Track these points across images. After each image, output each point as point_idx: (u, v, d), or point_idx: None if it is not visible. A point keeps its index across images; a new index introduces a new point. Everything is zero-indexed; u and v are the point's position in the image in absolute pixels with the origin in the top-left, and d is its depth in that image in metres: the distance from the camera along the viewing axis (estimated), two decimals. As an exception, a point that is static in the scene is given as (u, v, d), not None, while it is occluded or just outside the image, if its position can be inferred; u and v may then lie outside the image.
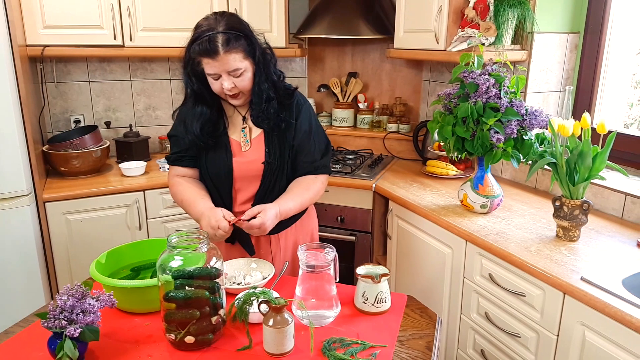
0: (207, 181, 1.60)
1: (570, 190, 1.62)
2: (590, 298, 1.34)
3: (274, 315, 1.14)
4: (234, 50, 1.40)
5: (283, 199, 1.52)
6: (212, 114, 1.54)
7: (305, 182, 1.58)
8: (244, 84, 1.46)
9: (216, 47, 1.38)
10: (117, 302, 1.18)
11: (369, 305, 1.32)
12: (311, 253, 1.28)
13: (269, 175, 1.55)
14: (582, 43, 2.27)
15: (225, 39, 1.38)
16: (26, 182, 2.12)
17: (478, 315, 1.82)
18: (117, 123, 2.90)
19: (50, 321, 1.08)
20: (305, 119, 1.58)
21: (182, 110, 1.58)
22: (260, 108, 1.50)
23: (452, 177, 2.47)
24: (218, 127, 1.56)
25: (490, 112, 1.75)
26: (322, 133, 1.64)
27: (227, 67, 1.41)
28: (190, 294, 1.16)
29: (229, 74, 1.42)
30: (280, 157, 1.55)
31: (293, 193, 1.55)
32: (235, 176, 1.56)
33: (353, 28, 2.75)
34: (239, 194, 1.59)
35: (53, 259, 2.32)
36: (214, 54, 1.38)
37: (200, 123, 1.52)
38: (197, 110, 1.52)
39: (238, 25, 1.43)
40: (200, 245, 1.19)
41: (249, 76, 1.46)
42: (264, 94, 1.49)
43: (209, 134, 1.54)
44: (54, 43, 2.36)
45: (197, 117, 1.52)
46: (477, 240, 1.73)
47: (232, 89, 1.45)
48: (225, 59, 1.39)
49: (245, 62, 1.44)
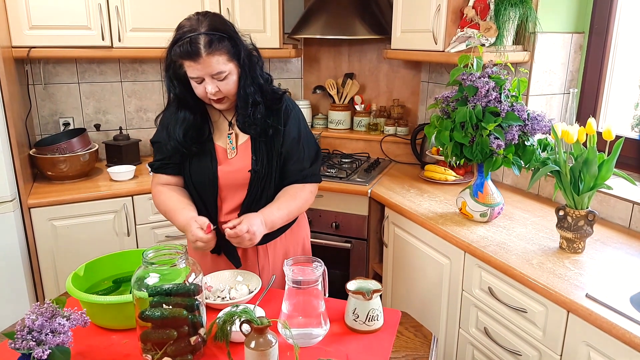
0: (191, 190, 1.52)
1: (574, 200, 1.54)
2: (596, 318, 1.26)
3: (256, 336, 1.06)
4: (217, 52, 1.32)
5: (268, 209, 1.45)
6: (195, 119, 1.46)
7: (293, 191, 1.51)
8: (229, 87, 1.39)
9: (198, 49, 1.31)
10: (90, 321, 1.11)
11: (359, 323, 1.25)
12: (298, 268, 1.21)
13: (256, 184, 1.48)
14: (587, 44, 2.19)
15: (208, 40, 1.31)
16: (10, 187, 2.05)
17: (477, 330, 1.74)
18: (108, 125, 2.82)
19: (17, 342, 1.01)
20: (294, 124, 1.50)
21: (165, 115, 1.51)
22: (247, 113, 1.43)
23: (451, 182, 2.39)
24: (202, 132, 1.48)
25: (490, 116, 1.67)
26: (312, 139, 1.56)
27: (210, 70, 1.33)
28: (167, 312, 1.10)
29: (212, 77, 1.35)
30: (268, 165, 1.48)
31: (279, 202, 1.48)
32: (220, 184, 1.49)
33: (349, 28, 2.67)
34: (224, 203, 1.52)
35: (39, 267, 2.25)
36: (196, 57, 1.31)
37: (183, 128, 1.44)
38: (179, 115, 1.45)
39: (221, 26, 1.35)
40: (179, 261, 1.12)
41: (233, 79, 1.39)
42: (250, 98, 1.41)
43: (193, 140, 1.46)
44: (40, 44, 2.29)
45: (180, 122, 1.45)
46: (477, 251, 1.65)
47: (216, 93, 1.38)
48: (208, 61, 1.32)
49: (230, 65, 1.37)
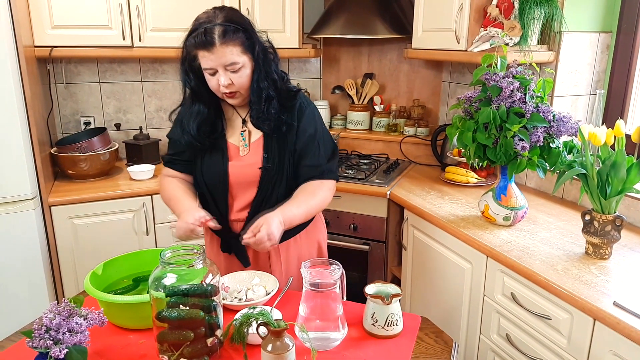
0: (203, 187, 1.52)
1: (601, 204, 1.49)
2: (624, 326, 1.21)
3: (273, 339, 1.05)
4: (231, 42, 1.34)
5: (286, 206, 1.41)
6: (209, 114, 1.47)
7: (311, 188, 1.47)
8: (242, 81, 1.39)
9: (212, 38, 1.32)
10: (107, 321, 1.11)
11: (378, 327, 1.22)
12: (316, 270, 1.19)
13: (267, 182, 1.46)
14: (614, 43, 2.13)
15: (222, 30, 1.33)
16: (31, 185, 2.08)
17: (498, 336, 1.69)
18: (128, 125, 2.85)
19: (35, 340, 1.02)
20: (310, 121, 1.48)
21: (180, 111, 1.52)
22: (260, 108, 1.42)
23: (473, 185, 2.34)
24: (216, 128, 1.49)
25: (515, 117, 1.63)
26: (329, 137, 1.54)
27: (223, 60, 1.34)
28: (184, 313, 1.09)
29: (225, 68, 1.36)
30: (279, 163, 1.46)
31: (298, 199, 1.45)
32: (231, 182, 1.48)
33: (369, 27, 2.64)
34: (235, 201, 1.51)
35: (59, 265, 2.28)
36: (209, 46, 1.33)
37: (197, 123, 1.46)
38: (194, 108, 1.46)
39: (237, 19, 1.37)
40: (196, 261, 1.11)
41: (247, 73, 1.39)
42: (264, 92, 1.41)
43: (206, 135, 1.47)
44: (62, 44, 2.31)
45: (195, 116, 1.46)
46: (499, 256, 1.61)
47: (229, 86, 1.38)
48: (221, 51, 1.33)
49: (244, 57, 1.37)
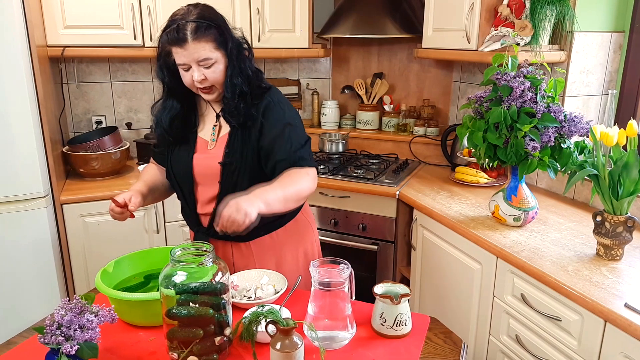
0: (172, 180, 1.56)
1: (613, 205, 1.48)
2: (636, 328, 1.20)
3: (282, 338, 1.05)
4: (204, 39, 1.35)
5: (258, 186, 1.32)
6: (182, 109, 1.50)
7: (288, 172, 1.40)
8: (215, 76, 1.40)
9: (185, 35, 1.34)
10: (117, 318, 1.12)
11: (387, 327, 1.22)
12: (325, 269, 1.20)
13: (228, 177, 1.47)
14: (627, 43, 2.10)
15: (195, 27, 1.35)
16: (43, 183, 2.10)
17: (508, 337, 1.68)
18: (139, 124, 2.87)
19: (47, 337, 1.03)
20: (278, 117, 1.45)
21: (156, 105, 1.55)
22: (233, 103, 1.43)
23: (483, 185, 2.33)
24: (188, 123, 1.52)
25: (526, 117, 1.62)
26: (302, 131, 1.49)
27: (196, 56, 1.36)
28: (193, 311, 1.09)
29: (198, 64, 1.37)
30: (241, 158, 1.45)
31: (272, 182, 1.36)
32: (195, 175, 1.50)
33: (379, 27, 2.64)
34: (200, 194, 1.53)
35: (70, 262, 2.30)
36: (182, 43, 1.35)
37: (169, 117, 1.49)
38: (168, 103, 1.50)
39: (210, 16, 1.39)
40: (206, 260, 1.12)
41: (220, 68, 1.41)
42: (237, 88, 1.42)
43: (178, 129, 1.51)
44: (74, 43, 2.34)
45: (168, 110, 1.50)
46: (509, 257, 1.60)
47: (202, 81, 1.40)
48: (193, 47, 1.35)
49: (217, 53, 1.39)
